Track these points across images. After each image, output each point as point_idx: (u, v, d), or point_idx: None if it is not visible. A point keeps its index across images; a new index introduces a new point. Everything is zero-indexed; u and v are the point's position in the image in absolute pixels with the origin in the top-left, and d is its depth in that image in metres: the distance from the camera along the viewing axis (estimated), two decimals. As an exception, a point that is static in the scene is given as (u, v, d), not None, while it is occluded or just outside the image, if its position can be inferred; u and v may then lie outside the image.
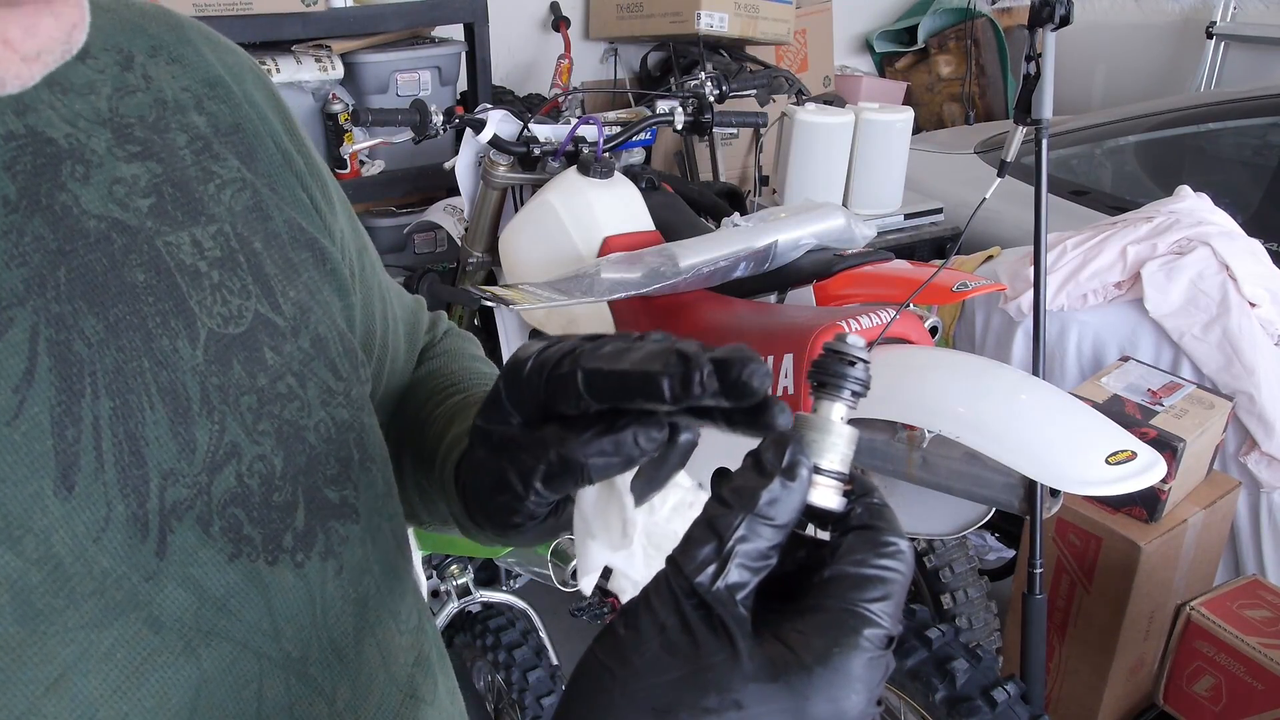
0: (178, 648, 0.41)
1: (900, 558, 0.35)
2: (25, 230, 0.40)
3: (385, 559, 0.53)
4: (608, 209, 1.86)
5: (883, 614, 0.34)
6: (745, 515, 0.34)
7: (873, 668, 0.33)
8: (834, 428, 0.37)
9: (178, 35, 0.51)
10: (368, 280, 0.60)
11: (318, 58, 2.71)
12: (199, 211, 0.47)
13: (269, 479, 0.46)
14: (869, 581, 0.34)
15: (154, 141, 0.47)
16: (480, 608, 1.72)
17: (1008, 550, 2.31)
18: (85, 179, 0.43)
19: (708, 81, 2.22)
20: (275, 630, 0.45)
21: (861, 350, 0.38)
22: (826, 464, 0.37)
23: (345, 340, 0.53)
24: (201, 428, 0.43)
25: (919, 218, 2.72)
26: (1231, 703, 1.56)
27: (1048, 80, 1.61)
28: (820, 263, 1.70)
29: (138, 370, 0.42)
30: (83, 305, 0.41)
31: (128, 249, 0.43)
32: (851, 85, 4.26)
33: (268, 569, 0.45)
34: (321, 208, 0.55)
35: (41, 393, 0.38)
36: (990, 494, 1.40)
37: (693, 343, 0.38)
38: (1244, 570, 1.93)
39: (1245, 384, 1.82)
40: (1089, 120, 3.05)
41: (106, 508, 0.39)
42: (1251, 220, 2.17)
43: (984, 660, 1.43)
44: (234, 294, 0.47)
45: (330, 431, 0.50)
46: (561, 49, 3.53)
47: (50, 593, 0.37)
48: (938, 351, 1.57)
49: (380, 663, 0.52)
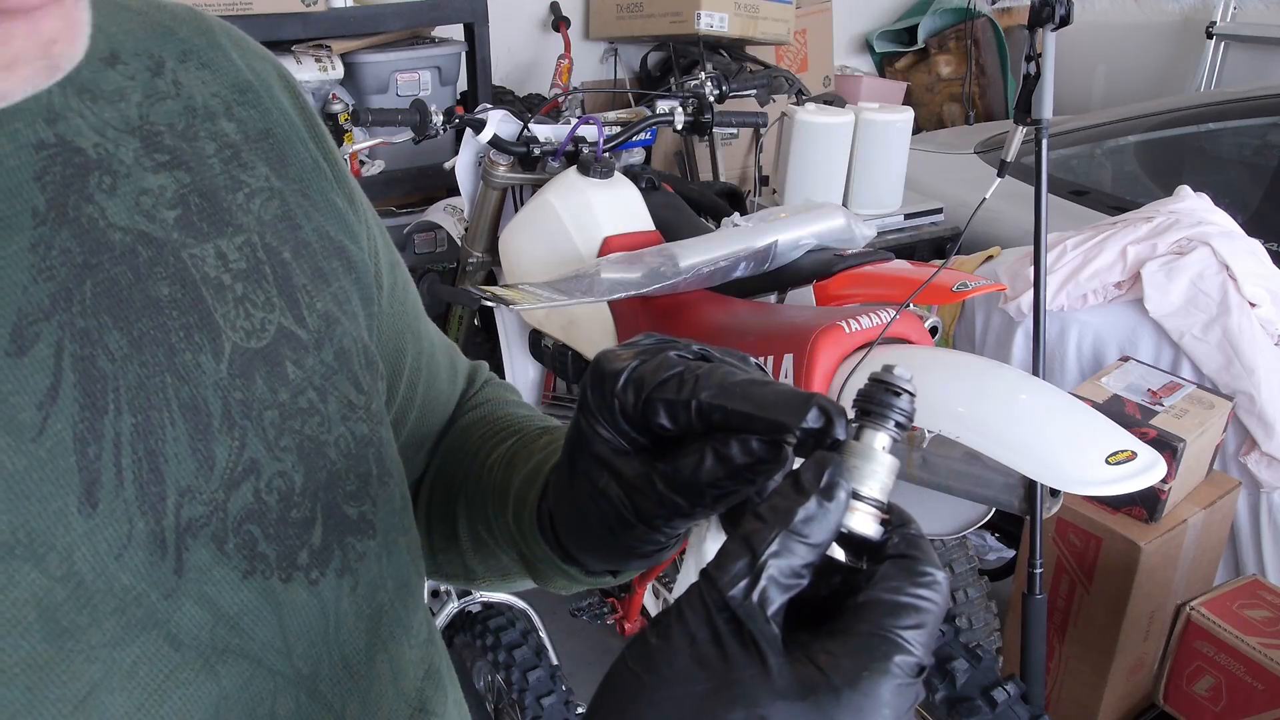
0: (197, 665, 0.41)
1: (936, 589, 0.35)
2: (53, 243, 0.39)
3: (399, 574, 0.53)
4: (608, 209, 1.86)
5: (915, 642, 0.34)
6: (780, 531, 0.34)
7: (902, 695, 0.33)
8: (876, 456, 0.37)
9: (208, 39, 0.51)
10: (398, 296, 0.59)
11: (318, 58, 2.71)
12: (226, 222, 0.46)
13: (288, 495, 0.45)
14: (903, 609, 0.34)
15: (183, 150, 0.46)
16: (480, 607, 1.72)
17: (1008, 550, 2.31)
18: (112, 190, 0.42)
19: (708, 81, 2.22)
20: (287, 648, 0.45)
21: (908, 383, 0.38)
22: (866, 491, 0.36)
23: (368, 353, 0.52)
24: (221, 444, 0.43)
25: (919, 218, 2.72)
26: (1231, 703, 1.56)
27: (1048, 80, 1.61)
28: (820, 263, 1.70)
29: (160, 386, 0.41)
30: (107, 320, 0.40)
31: (153, 262, 0.43)
32: (851, 85, 4.26)
33: (281, 586, 0.45)
34: (349, 213, 0.54)
35: (65, 410, 0.38)
36: (990, 494, 1.40)
37: (822, 396, 0.38)
38: (1244, 570, 1.93)
39: (1245, 384, 1.82)
40: (1089, 120, 3.05)
41: (128, 525, 0.39)
42: (1251, 220, 2.17)
43: (984, 660, 1.43)
44: (257, 307, 0.46)
45: (350, 447, 0.49)
46: (561, 49, 3.53)
47: (74, 610, 0.37)
48: (938, 351, 1.57)
49: (391, 678, 0.52)
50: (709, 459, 0.39)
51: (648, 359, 0.42)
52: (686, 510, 0.41)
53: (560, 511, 0.48)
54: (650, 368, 0.41)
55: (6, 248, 0.38)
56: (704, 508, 0.41)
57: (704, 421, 0.40)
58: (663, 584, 1.92)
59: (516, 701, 1.56)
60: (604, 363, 0.42)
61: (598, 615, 2.01)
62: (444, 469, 0.63)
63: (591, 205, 1.85)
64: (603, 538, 0.45)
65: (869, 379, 0.38)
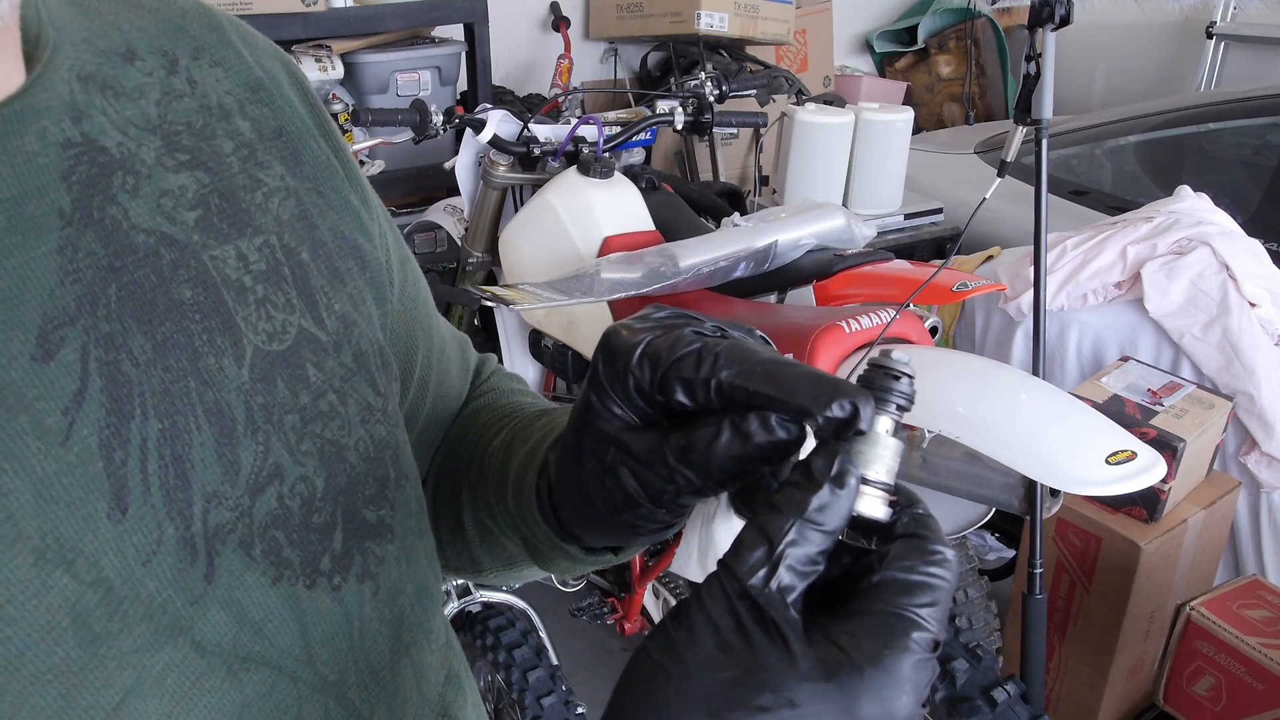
0: (222, 672, 0.41)
1: (947, 566, 0.36)
2: (79, 245, 0.39)
3: (418, 578, 0.52)
4: (608, 209, 1.86)
5: (930, 618, 0.34)
6: (795, 520, 0.35)
7: (921, 670, 0.34)
8: (880, 440, 0.37)
9: (219, 37, 0.50)
10: (409, 291, 0.59)
11: (318, 58, 2.71)
12: (245, 223, 0.46)
13: (309, 500, 0.45)
14: (917, 587, 0.35)
15: (201, 149, 0.45)
16: (480, 607, 1.72)
17: (1008, 550, 2.31)
18: (135, 191, 0.42)
19: (708, 81, 2.22)
20: (309, 655, 0.45)
21: (907, 366, 0.38)
22: (873, 474, 0.37)
23: (384, 354, 0.52)
24: (246, 449, 0.43)
25: (919, 218, 2.72)
26: (1231, 703, 1.56)
27: (1048, 80, 1.61)
28: (820, 263, 1.70)
29: (184, 391, 0.41)
30: (132, 324, 0.40)
31: (175, 264, 0.42)
32: (851, 85, 4.26)
33: (306, 593, 0.44)
34: (362, 210, 0.53)
35: (92, 414, 0.38)
36: (990, 494, 1.40)
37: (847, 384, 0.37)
38: (1244, 570, 1.93)
39: (1245, 384, 1.82)
40: (1089, 120, 3.05)
41: (158, 531, 0.39)
42: (1251, 220, 2.17)
43: (984, 660, 1.43)
44: (278, 309, 0.46)
45: (369, 450, 0.49)
46: (561, 49, 3.53)
47: (106, 616, 0.37)
48: (938, 351, 1.57)
49: (414, 683, 0.52)
50: (726, 433, 0.38)
51: (662, 333, 0.40)
52: (698, 486, 0.40)
53: (562, 487, 0.48)
54: (666, 342, 0.40)
55: (36, 249, 0.37)
56: (715, 484, 0.40)
57: (724, 400, 0.39)
58: (663, 584, 1.92)
59: (516, 701, 1.56)
60: (616, 337, 0.41)
61: (598, 615, 2.01)
62: (448, 461, 0.63)
63: (591, 205, 1.85)
64: (607, 515, 0.44)
65: (868, 364, 0.39)
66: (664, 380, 0.39)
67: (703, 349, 0.39)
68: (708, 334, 0.41)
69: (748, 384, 0.38)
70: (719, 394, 0.38)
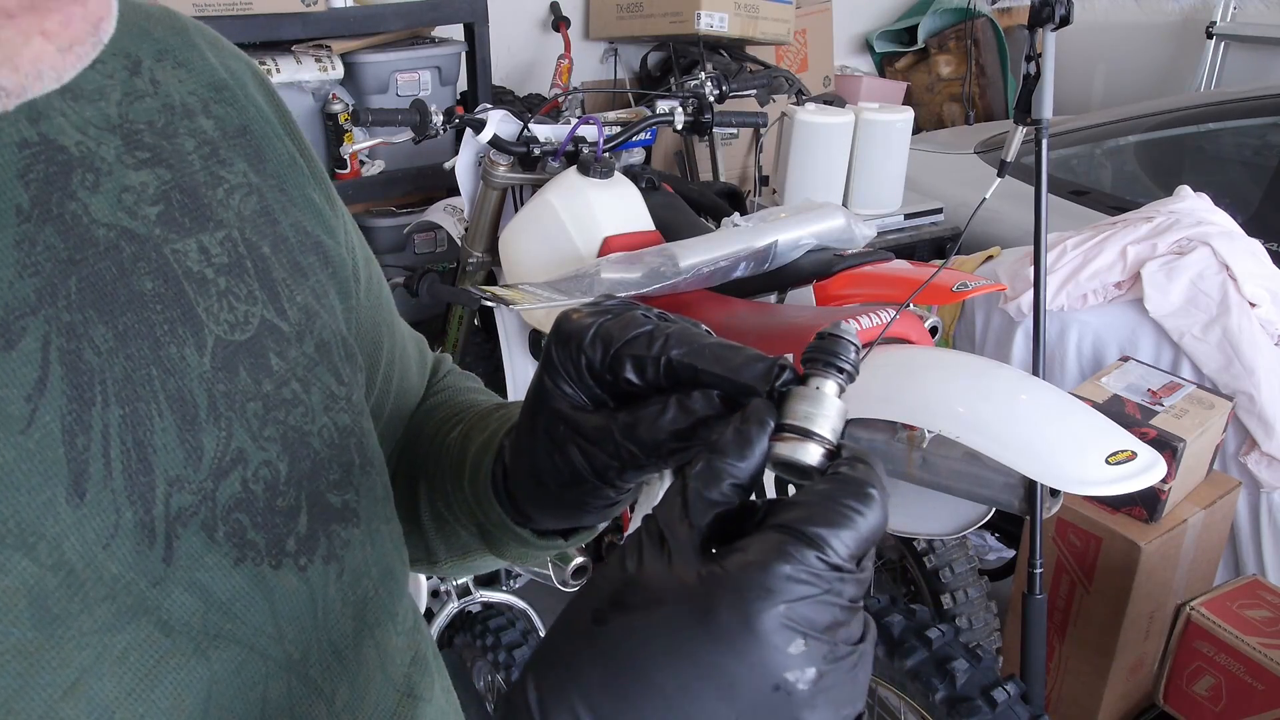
0: (189, 650, 0.42)
1: (869, 502, 0.35)
2: (37, 240, 0.40)
3: (383, 561, 0.54)
4: (608, 209, 1.86)
5: (827, 539, 0.33)
6: (704, 456, 0.37)
7: (792, 584, 0.33)
8: (825, 400, 0.39)
9: (182, 39, 0.51)
10: (374, 290, 0.60)
11: (318, 58, 2.71)
12: (207, 218, 0.47)
13: (273, 484, 0.46)
14: (820, 512, 0.34)
15: (163, 147, 0.47)
16: (480, 607, 1.72)
17: (1008, 550, 2.31)
18: (95, 187, 0.43)
19: (708, 81, 2.22)
20: (279, 632, 0.46)
21: (852, 334, 0.41)
22: (816, 429, 0.38)
23: (347, 345, 0.53)
24: (209, 435, 0.44)
25: (919, 218, 2.72)
26: (1231, 703, 1.56)
27: (1048, 80, 1.61)
28: (820, 263, 1.70)
29: (146, 378, 0.42)
30: (93, 314, 0.41)
31: (136, 257, 0.43)
32: (851, 85, 4.26)
33: (272, 572, 0.46)
34: (325, 208, 0.55)
35: (53, 402, 0.39)
36: (990, 494, 1.40)
37: (784, 359, 0.40)
38: (1244, 570, 1.93)
39: (1245, 384, 1.83)
40: (1089, 120, 3.05)
41: (116, 515, 0.40)
42: (1251, 220, 2.17)
43: (984, 660, 1.43)
44: (240, 300, 0.47)
45: (333, 436, 0.50)
46: (561, 49, 3.53)
47: (65, 598, 0.38)
48: (938, 351, 1.57)
49: (378, 663, 0.53)
50: (671, 410, 0.41)
51: (613, 318, 0.43)
52: (641, 461, 0.43)
53: (516, 466, 0.50)
54: (618, 324, 0.43)
55: None
56: (657, 459, 0.42)
57: (671, 378, 0.41)
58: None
59: (516, 701, 1.55)
60: (569, 321, 0.44)
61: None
62: (405, 455, 0.65)
63: (591, 205, 1.85)
64: (557, 493, 0.47)
65: (817, 335, 0.41)
66: (615, 358, 0.42)
67: (654, 330, 0.42)
68: (656, 320, 0.43)
69: (696, 362, 0.41)
70: (667, 372, 0.41)
